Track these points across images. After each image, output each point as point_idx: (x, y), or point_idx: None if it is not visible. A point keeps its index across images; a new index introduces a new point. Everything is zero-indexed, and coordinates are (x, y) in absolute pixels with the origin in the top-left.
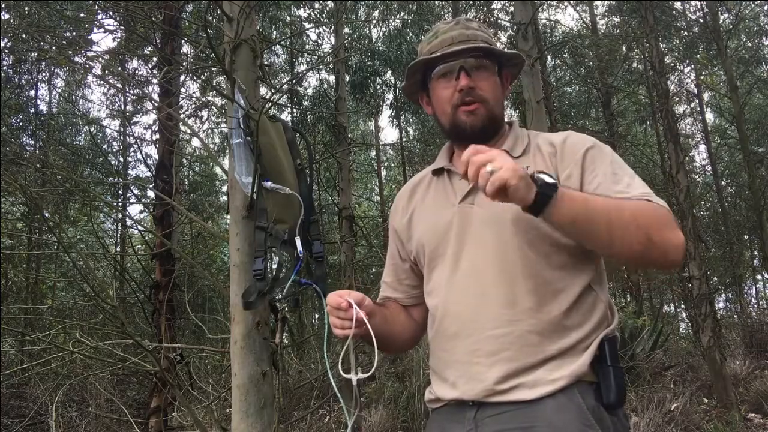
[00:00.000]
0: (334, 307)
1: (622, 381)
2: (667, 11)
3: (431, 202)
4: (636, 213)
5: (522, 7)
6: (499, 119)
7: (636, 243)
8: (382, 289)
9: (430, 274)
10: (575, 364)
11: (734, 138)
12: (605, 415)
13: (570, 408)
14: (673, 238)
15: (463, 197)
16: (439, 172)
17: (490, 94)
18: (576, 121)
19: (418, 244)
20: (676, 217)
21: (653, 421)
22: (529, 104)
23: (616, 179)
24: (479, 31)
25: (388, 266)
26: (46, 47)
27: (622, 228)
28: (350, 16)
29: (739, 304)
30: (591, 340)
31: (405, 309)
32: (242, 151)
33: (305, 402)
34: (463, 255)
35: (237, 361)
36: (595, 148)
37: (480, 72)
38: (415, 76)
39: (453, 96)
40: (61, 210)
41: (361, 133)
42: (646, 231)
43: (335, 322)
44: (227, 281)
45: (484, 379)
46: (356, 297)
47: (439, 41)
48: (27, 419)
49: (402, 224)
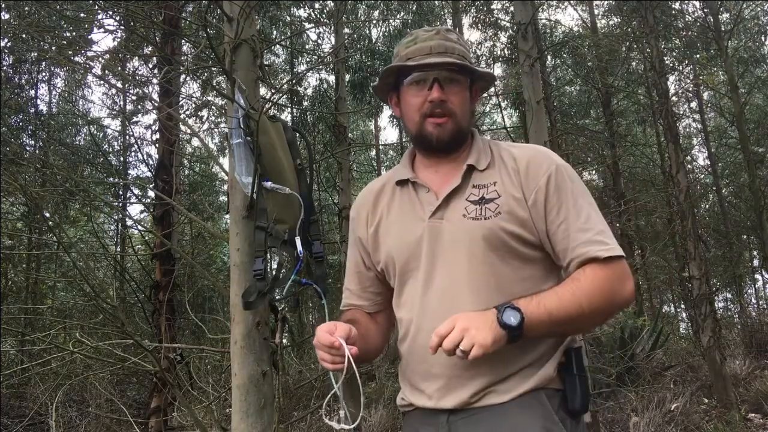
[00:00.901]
0: (326, 346)
1: (586, 389)
2: (667, 11)
3: (398, 215)
4: (592, 299)
5: (522, 7)
6: (465, 132)
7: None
8: (345, 295)
9: (401, 288)
10: (542, 370)
11: (734, 138)
12: (567, 419)
13: (535, 408)
14: (624, 296)
15: (433, 212)
16: (403, 183)
17: (459, 108)
18: (576, 121)
19: (387, 257)
20: (676, 217)
21: (653, 421)
22: (529, 104)
23: (577, 212)
24: (457, 44)
25: (351, 274)
26: (46, 47)
27: (584, 319)
28: (350, 16)
29: (739, 304)
30: (557, 349)
31: (371, 317)
32: (242, 151)
33: (305, 402)
34: (436, 272)
35: (237, 361)
36: (557, 175)
37: (452, 86)
38: (389, 77)
39: (423, 105)
40: (61, 210)
41: (361, 133)
42: (603, 311)
43: (326, 357)
44: (227, 281)
45: (462, 392)
46: (343, 331)
47: (417, 48)
48: (27, 419)
49: (368, 234)
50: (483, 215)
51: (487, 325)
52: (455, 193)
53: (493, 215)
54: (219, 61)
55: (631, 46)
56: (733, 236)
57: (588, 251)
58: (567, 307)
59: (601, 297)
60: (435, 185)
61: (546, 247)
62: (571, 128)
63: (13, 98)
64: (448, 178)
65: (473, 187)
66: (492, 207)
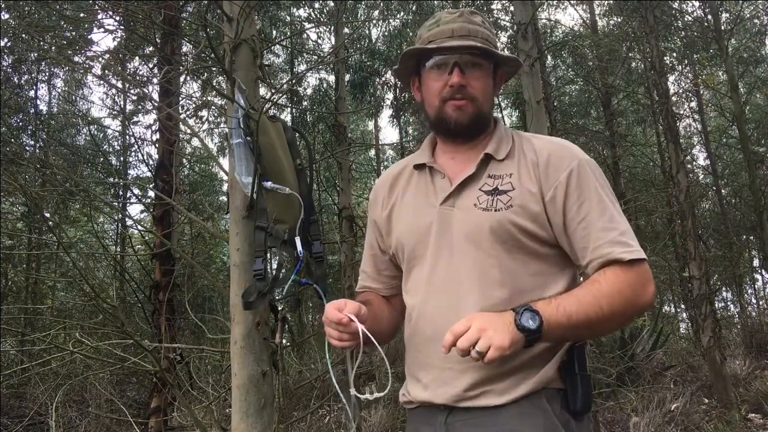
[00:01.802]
0: (334, 322)
1: (588, 388)
2: (668, 11)
3: (411, 199)
4: (613, 304)
5: (522, 7)
6: (486, 118)
7: (615, 327)
8: (361, 278)
9: (408, 273)
10: (543, 370)
11: (735, 138)
12: (571, 421)
13: (536, 414)
14: (645, 300)
15: (444, 199)
16: (420, 168)
17: (481, 94)
18: (576, 121)
19: (397, 242)
20: (676, 217)
21: (653, 421)
22: (529, 104)
23: (601, 210)
24: (482, 27)
25: (367, 256)
26: (46, 47)
27: (604, 322)
28: (350, 16)
29: (739, 304)
30: (558, 348)
31: (386, 300)
32: (242, 151)
33: (305, 402)
34: (442, 259)
35: (237, 361)
36: (579, 170)
37: (474, 70)
38: (409, 60)
39: (443, 89)
40: (61, 210)
41: (361, 133)
42: (623, 315)
43: (333, 334)
44: (227, 281)
45: (455, 385)
46: (353, 309)
47: (439, 30)
48: (27, 419)
49: (382, 217)
50: (494, 206)
51: (505, 327)
52: (469, 182)
53: (504, 208)
54: (219, 61)
55: (631, 46)
56: (733, 236)
57: (611, 252)
58: (587, 310)
59: (622, 301)
60: (451, 172)
61: (562, 243)
62: (571, 128)
63: (13, 98)
64: (464, 166)
65: (488, 177)
66: (504, 199)
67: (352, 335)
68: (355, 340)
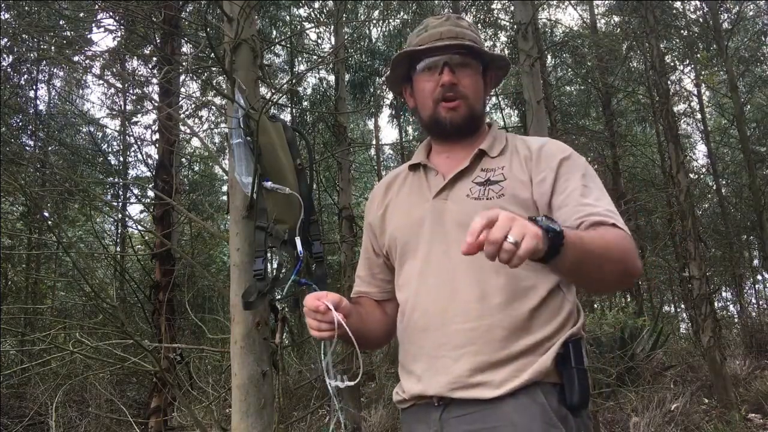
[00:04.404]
0: (311, 310)
1: (586, 383)
2: (668, 11)
3: (405, 197)
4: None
5: (522, 7)
6: (479, 118)
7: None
8: (356, 283)
9: (401, 268)
10: (539, 362)
11: (735, 138)
12: (569, 416)
13: (533, 408)
14: (636, 266)
15: (437, 193)
16: (415, 168)
17: (472, 92)
18: (576, 121)
19: (390, 238)
20: (676, 217)
21: (653, 421)
22: (529, 104)
23: (585, 192)
24: (468, 30)
25: (362, 260)
26: (45, 47)
27: (605, 262)
28: (350, 16)
29: (739, 304)
30: (555, 339)
31: (378, 305)
32: (242, 151)
33: (305, 402)
34: (435, 250)
35: (237, 361)
36: (570, 159)
37: (464, 69)
38: (400, 67)
39: (435, 90)
40: (60, 210)
41: (361, 133)
42: (625, 265)
43: (312, 324)
44: (227, 281)
45: (449, 372)
46: (333, 299)
47: (427, 35)
48: (27, 419)
49: (377, 217)
50: (485, 196)
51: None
52: (462, 175)
53: (496, 196)
54: (219, 61)
55: (632, 46)
56: (733, 236)
57: (598, 216)
58: (594, 240)
59: (619, 251)
60: (444, 169)
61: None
62: (571, 128)
63: (12, 98)
64: (458, 162)
65: (481, 170)
66: (496, 189)
67: (331, 325)
68: (333, 330)
